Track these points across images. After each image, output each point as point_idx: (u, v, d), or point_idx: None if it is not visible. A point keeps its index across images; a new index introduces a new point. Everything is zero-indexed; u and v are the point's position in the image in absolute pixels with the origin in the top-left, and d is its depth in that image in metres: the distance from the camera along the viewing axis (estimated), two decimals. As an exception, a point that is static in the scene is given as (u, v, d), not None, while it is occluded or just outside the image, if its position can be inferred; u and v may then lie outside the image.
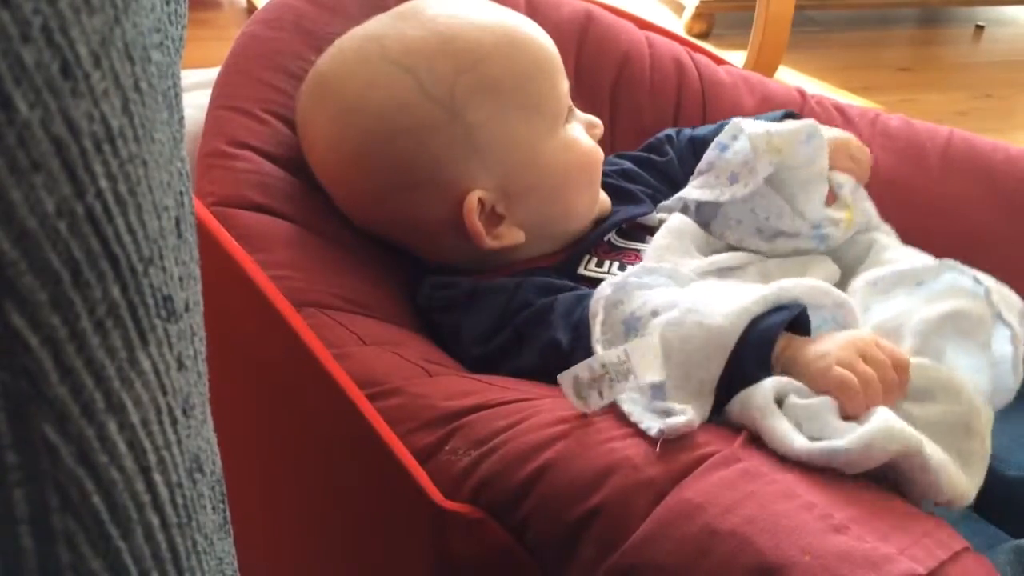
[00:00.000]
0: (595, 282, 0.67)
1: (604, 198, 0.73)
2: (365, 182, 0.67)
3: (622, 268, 0.68)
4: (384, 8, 0.73)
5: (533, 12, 0.87)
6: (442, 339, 0.66)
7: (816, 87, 1.98)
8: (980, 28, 2.43)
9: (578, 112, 0.72)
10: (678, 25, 2.23)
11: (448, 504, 0.51)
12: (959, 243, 0.79)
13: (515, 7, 0.86)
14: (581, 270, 0.69)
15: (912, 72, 2.17)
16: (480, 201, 0.65)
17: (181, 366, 0.27)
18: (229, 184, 0.68)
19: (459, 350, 0.65)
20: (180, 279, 0.27)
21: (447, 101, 0.64)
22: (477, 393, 0.56)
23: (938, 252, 0.79)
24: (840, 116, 0.87)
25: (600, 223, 0.72)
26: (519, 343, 0.62)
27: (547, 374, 0.55)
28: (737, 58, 1.93)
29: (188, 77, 0.86)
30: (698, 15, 2.21)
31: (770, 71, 1.93)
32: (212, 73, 0.76)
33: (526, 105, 0.67)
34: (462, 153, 0.65)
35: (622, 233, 0.72)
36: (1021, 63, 2.27)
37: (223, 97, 0.73)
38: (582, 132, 0.71)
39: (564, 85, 0.69)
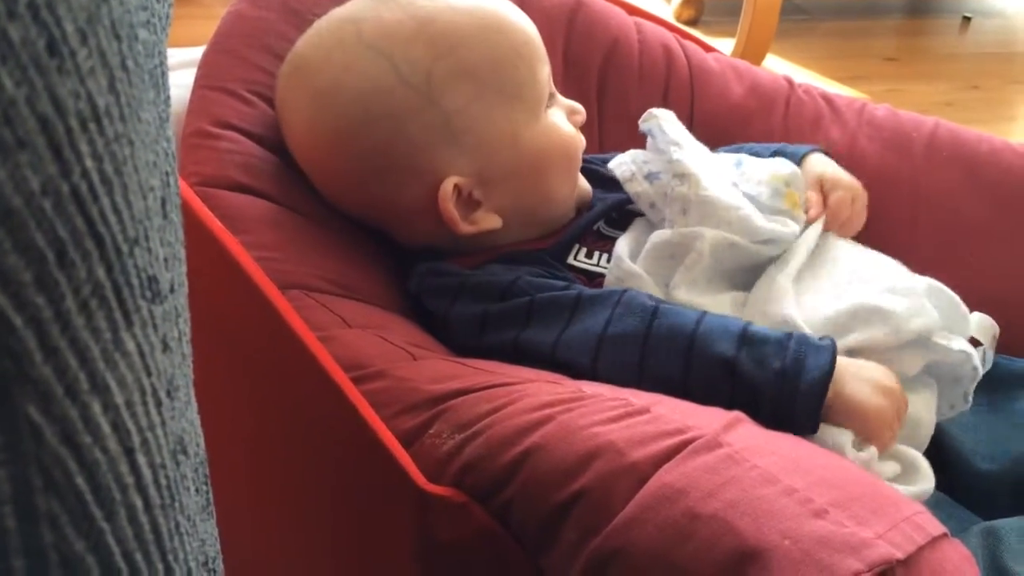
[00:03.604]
0: (586, 273, 0.67)
1: (584, 185, 0.73)
2: (341, 165, 0.67)
3: (610, 260, 0.67)
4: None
5: (522, -5, 0.87)
6: (432, 325, 0.66)
7: (804, 76, 1.99)
8: (967, 19, 2.44)
9: (560, 97, 0.72)
10: (667, 12, 2.23)
11: (431, 488, 0.51)
12: (943, 233, 0.80)
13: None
14: (571, 260, 0.69)
15: (899, 62, 2.17)
16: (456, 187, 0.65)
17: (166, 347, 0.27)
18: (213, 164, 0.68)
19: (447, 337, 0.65)
20: (165, 260, 0.27)
21: (423, 87, 0.64)
22: (462, 377, 0.56)
23: (923, 242, 0.80)
24: (827, 105, 0.87)
25: (582, 211, 0.72)
26: (514, 348, 0.62)
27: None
28: (726, 46, 1.93)
29: (174, 56, 0.85)
30: (687, 2, 2.20)
31: (758, 59, 1.93)
32: (198, 52, 0.75)
33: (505, 91, 0.66)
34: (439, 139, 0.65)
35: (610, 221, 0.72)
36: (1007, 55, 2.28)
37: (208, 77, 0.73)
38: (563, 118, 0.70)
39: (545, 71, 0.69)
